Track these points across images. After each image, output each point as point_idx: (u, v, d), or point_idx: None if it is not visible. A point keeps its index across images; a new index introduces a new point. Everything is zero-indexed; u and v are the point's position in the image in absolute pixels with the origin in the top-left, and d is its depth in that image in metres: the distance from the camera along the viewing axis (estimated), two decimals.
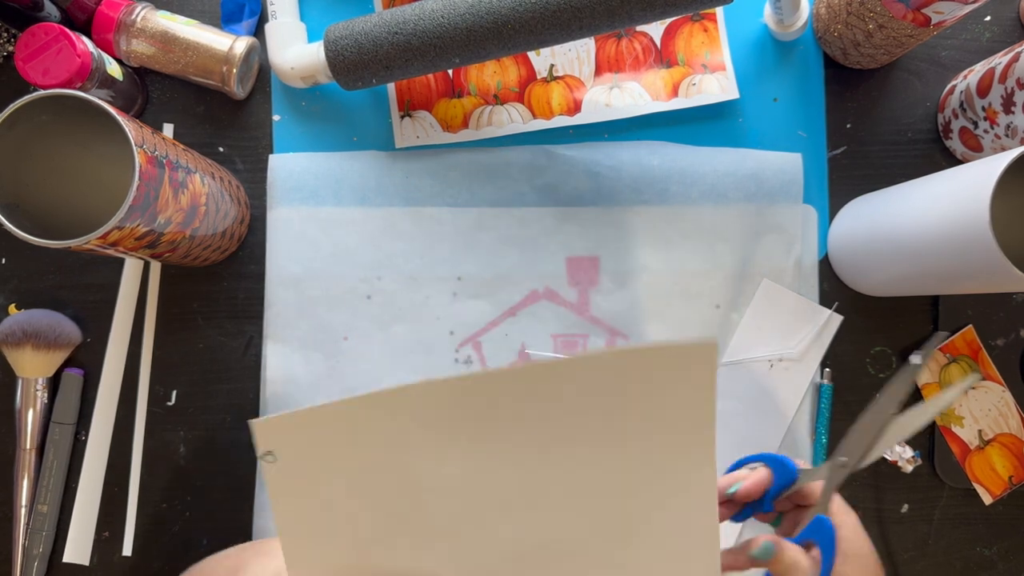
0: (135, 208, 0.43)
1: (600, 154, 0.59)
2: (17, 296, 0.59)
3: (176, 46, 0.57)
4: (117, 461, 0.58)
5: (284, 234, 0.58)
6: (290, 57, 0.57)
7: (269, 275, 0.58)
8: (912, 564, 0.59)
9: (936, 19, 0.51)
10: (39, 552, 0.56)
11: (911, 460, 0.58)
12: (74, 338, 0.58)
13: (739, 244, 0.59)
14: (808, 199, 0.60)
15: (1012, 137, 0.53)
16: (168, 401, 0.59)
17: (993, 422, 0.59)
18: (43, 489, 0.57)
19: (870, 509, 0.59)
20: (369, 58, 0.53)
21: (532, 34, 0.50)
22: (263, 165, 0.60)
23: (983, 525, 0.59)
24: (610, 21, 0.50)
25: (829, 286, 0.60)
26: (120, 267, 0.59)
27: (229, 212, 0.56)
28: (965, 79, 0.58)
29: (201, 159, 0.53)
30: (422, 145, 0.60)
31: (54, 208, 0.51)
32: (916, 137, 0.61)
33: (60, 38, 0.51)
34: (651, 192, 0.59)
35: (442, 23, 0.51)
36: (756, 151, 0.60)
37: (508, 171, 0.59)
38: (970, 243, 0.44)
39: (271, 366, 0.57)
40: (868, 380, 0.60)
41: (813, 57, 0.61)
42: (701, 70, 0.60)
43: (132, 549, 0.58)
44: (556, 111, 0.59)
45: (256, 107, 0.61)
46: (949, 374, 0.59)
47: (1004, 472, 0.59)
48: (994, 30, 0.62)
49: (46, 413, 0.58)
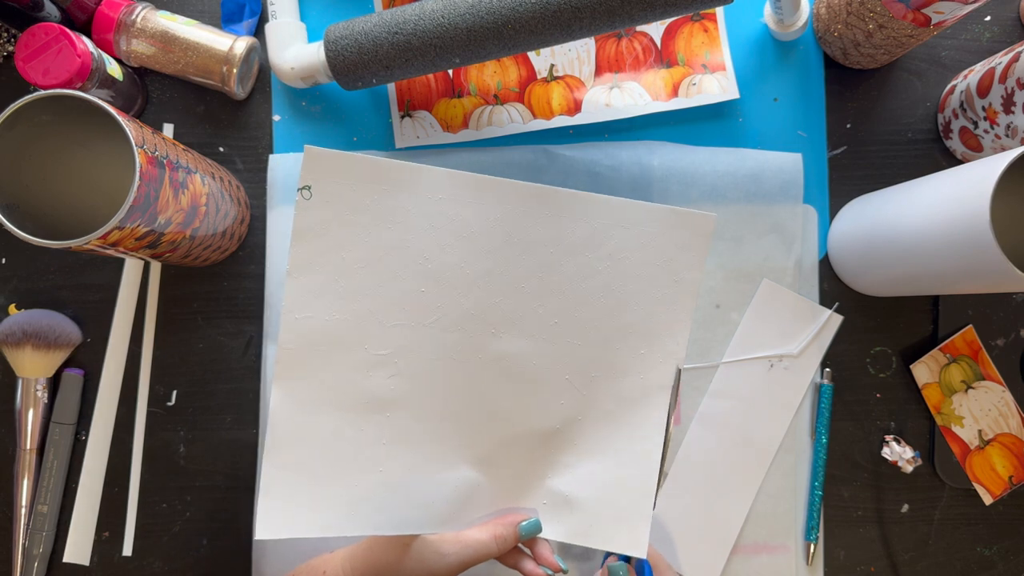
0: (135, 208, 0.43)
1: (600, 154, 0.59)
2: (17, 296, 0.59)
3: (176, 46, 0.57)
4: (117, 461, 0.58)
5: (284, 234, 0.58)
6: (290, 57, 0.57)
7: (269, 275, 0.58)
8: (912, 564, 0.59)
9: (936, 19, 0.51)
10: (39, 552, 0.57)
11: (911, 460, 0.58)
12: (74, 338, 0.58)
13: (739, 244, 0.59)
14: (808, 199, 0.60)
15: (1012, 137, 0.53)
16: (168, 401, 0.59)
17: (993, 422, 0.59)
18: (43, 489, 0.57)
19: (870, 509, 0.59)
20: (369, 58, 0.53)
21: (532, 34, 0.50)
22: (263, 165, 0.60)
23: (983, 525, 0.60)
24: (610, 21, 0.50)
25: (829, 286, 0.60)
26: (120, 267, 0.59)
27: (229, 212, 0.56)
28: (965, 79, 0.58)
29: (201, 159, 0.53)
30: (422, 145, 0.60)
31: (54, 208, 0.51)
32: (916, 137, 0.61)
33: (60, 38, 0.51)
34: (651, 192, 0.59)
35: (442, 23, 0.51)
36: (756, 151, 0.60)
37: (508, 171, 0.59)
38: (970, 243, 0.44)
39: (271, 366, 0.57)
40: (868, 380, 0.60)
41: (813, 57, 0.61)
42: (701, 70, 0.60)
43: (132, 549, 0.58)
44: (556, 111, 0.59)
45: (256, 107, 0.61)
46: (949, 374, 0.59)
47: (1004, 472, 0.59)
48: (994, 30, 0.62)
49: (46, 413, 0.58)
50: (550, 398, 0.47)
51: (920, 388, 0.59)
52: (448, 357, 0.45)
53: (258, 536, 0.42)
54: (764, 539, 0.58)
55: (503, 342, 0.46)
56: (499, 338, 0.46)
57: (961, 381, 0.59)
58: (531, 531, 0.45)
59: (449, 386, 0.45)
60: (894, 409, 0.60)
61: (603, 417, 0.47)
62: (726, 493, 0.58)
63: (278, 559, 0.56)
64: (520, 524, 0.45)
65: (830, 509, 0.59)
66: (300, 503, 0.43)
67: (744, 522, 0.58)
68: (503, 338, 0.46)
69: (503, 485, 0.46)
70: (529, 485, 0.47)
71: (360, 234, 0.44)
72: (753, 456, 0.58)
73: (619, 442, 0.47)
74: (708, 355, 0.59)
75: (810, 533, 0.58)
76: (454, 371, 0.45)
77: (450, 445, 0.45)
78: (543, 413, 0.47)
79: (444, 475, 0.45)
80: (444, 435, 0.45)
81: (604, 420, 0.47)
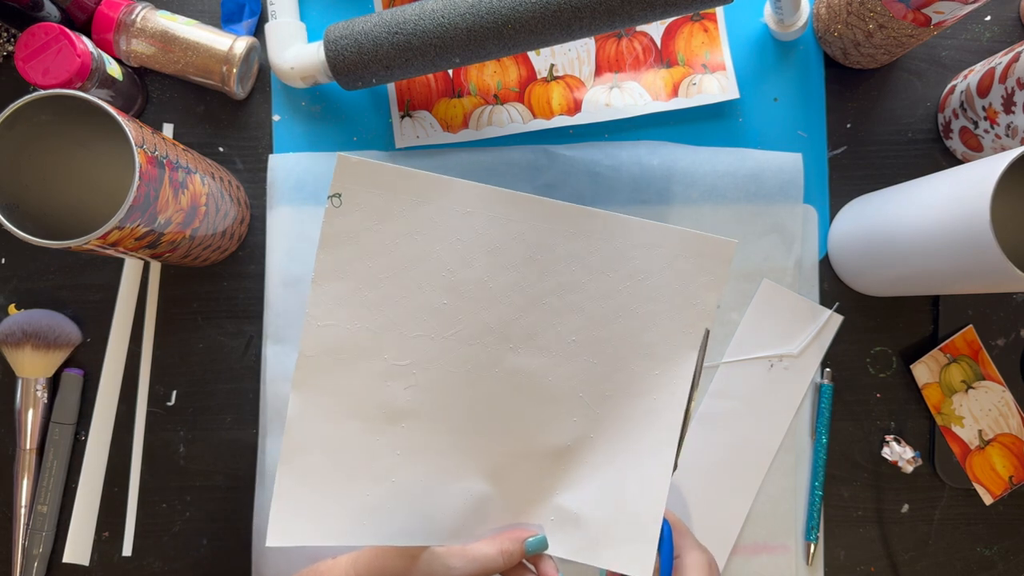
0: (135, 208, 0.43)
1: (600, 154, 0.59)
2: (17, 296, 0.59)
3: (176, 46, 0.57)
4: (117, 461, 0.58)
5: (284, 234, 0.58)
6: (290, 57, 0.57)
7: (269, 275, 0.58)
8: (912, 564, 0.59)
9: (936, 19, 0.51)
10: (39, 552, 0.56)
11: (911, 460, 0.58)
12: (74, 338, 0.58)
13: (739, 244, 0.59)
14: (808, 199, 0.60)
15: (1012, 137, 0.53)
16: (168, 401, 0.59)
17: (993, 422, 0.59)
18: (43, 489, 0.57)
19: (870, 509, 0.59)
20: (369, 58, 0.53)
21: (532, 34, 0.50)
22: (263, 165, 0.60)
23: (983, 525, 0.59)
24: (610, 21, 0.50)
25: (829, 286, 0.60)
26: (120, 267, 0.59)
27: (229, 212, 0.56)
28: (965, 79, 0.58)
29: (201, 159, 0.53)
30: (422, 145, 0.60)
31: (54, 208, 0.51)
32: (916, 137, 0.61)
33: (60, 38, 0.51)
34: (651, 192, 0.59)
35: (442, 23, 0.51)
36: (756, 151, 0.60)
37: (508, 171, 0.59)
38: (970, 243, 0.44)
39: (271, 366, 0.57)
40: (868, 380, 0.60)
41: (813, 57, 0.61)
42: (701, 70, 0.60)
43: (132, 549, 0.58)
44: (556, 111, 0.59)
45: (256, 107, 0.61)
46: (949, 374, 0.59)
47: (1004, 472, 0.59)
48: (994, 30, 0.62)
49: (46, 413, 0.58)
50: (563, 414, 0.47)
51: (920, 388, 0.59)
52: (465, 370, 0.46)
53: (269, 543, 0.42)
54: (764, 539, 0.58)
55: (520, 357, 0.46)
56: (516, 353, 0.46)
57: (961, 381, 0.59)
58: (537, 547, 0.45)
59: (465, 399, 0.46)
60: (894, 409, 0.60)
61: (614, 436, 0.47)
62: (726, 493, 0.58)
63: (278, 559, 0.56)
64: (526, 540, 0.45)
65: (830, 509, 0.59)
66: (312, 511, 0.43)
67: (744, 522, 0.58)
68: (520, 353, 0.46)
69: (512, 499, 0.46)
70: (537, 501, 0.47)
71: (387, 243, 0.44)
72: (753, 456, 0.58)
73: (629, 462, 0.47)
74: (708, 355, 0.59)
75: (810, 533, 0.58)
76: (470, 384, 0.46)
77: (462, 457, 0.46)
78: (555, 429, 0.47)
79: (455, 487, 0.45)
80: (457, 447, 0.46)
81: (615, 440, 0.47)
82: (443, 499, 0.45)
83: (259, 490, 0.57)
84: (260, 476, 0.57)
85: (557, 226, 0.46)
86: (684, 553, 0.46)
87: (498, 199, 0.45)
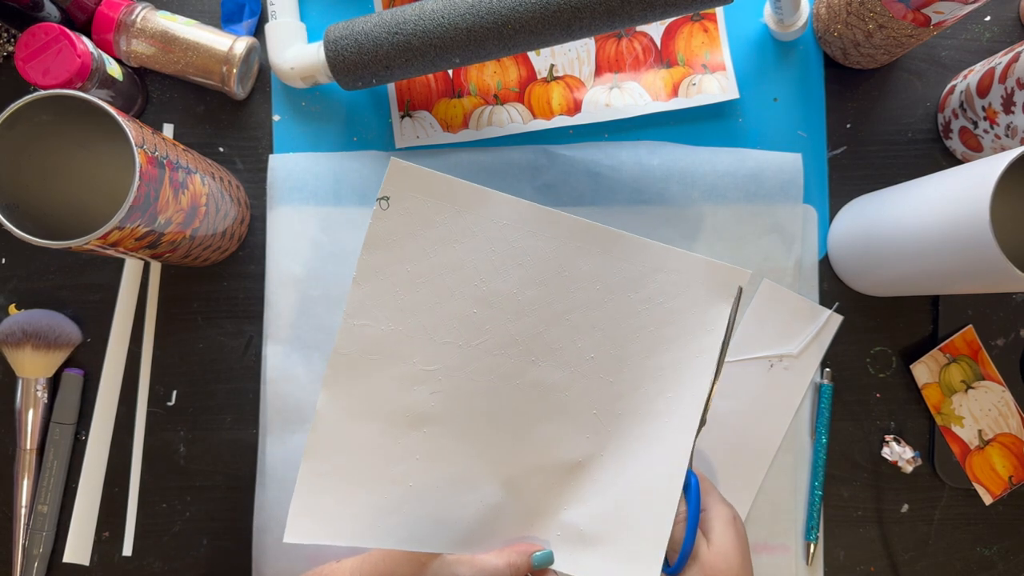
0: (135, 208, 0.43)
1: (600, 154, 0.59)
2: (17, 296, 0.59)
3: (176, 46, 0.57)
4: (117, 461, 0.58)
5: (284, 234, 0.58)
6: (290, 57, 0.57)
7: (269, 275, 0.58)
8: (912, 564, 0.59)
9: (936, 19, 0.51)
10: (39, 552, 0.57)
11: (911, 460, 0.58)
12: (74, 338, 0.58)
13: (739, 244, 0.59)
14: (808, 199, 0.60)
15: (1012, 137, 0.53)
16: (168, 401, 0.59)
17: (993, 422, 0.59)
18: (43, 489, 0.57)
19: (870, 509, 0.59)
20: (369, 58, 0.53)
21: (532, 34, 0.50)
22: (263, 165, 0.60)
23: (983, 525, 0.60)
24: (610, 21, 0.50)
25: (829, 286, 0.60)
26: (120, 267, 0.59)
27: (229, 212, 0.56)
28: (965, 79, 0.58)
29: (201, 159, 0.53)
30: (422, 145, 0.60)
31: (54, 208, 0.51)
32: (916, 137, 0.61)
33: (60, 38, 0.51)
34: (651, 192, 0.59)
35: (442, 23, 0.51)
36: (756, 151, 0.60)
37: (508, 171, 0.59)
38: (970, 243, 0.44)
39: (271, 366, 0.57)
40: (868, 380, 0.60)
41: (813, 57, 0.61)
42: (701, 70, 0.60)
43: (132, 549, 0.58)
44: (556, 111, 0.59)
45: (256, 107, 0.61)
46: (949, 374, 0.59)
47: (1004, 472, 0.59)
48: (994, 30, 0.62)
49: (46, 413, 0.58)
50: (576, 430, 0.47)
51: (920, 388, 0.59)
52: (488, 379, 0.46)
53: (287, 539, 0.43)
54: (764, 539, 0.58)
55: (541, 370, 0.47)
56: (538, 366, 0.47)
57: (961, 381, 0.59)
58: (543, 562, 0.46)
59: (485, 408, 0.46)
60: (894, 409, 0.60)
61: (624, 456, 0.47)
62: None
63: (278, 559, 0.56)
64: (533, 554, 0.46)
65: (830, 509, 0.59)
66: (330, 511, 0.44)
67: (744, 522, 0.58)
68: (542, 366, 0.47)
69: (522, 511, 0.47)
70: (546, 514, 0.47)
71: (427, 249, 0.46)
72: (753, 456, 0.58)
73: (637, 483, 0.47)
74: None
75: (810, 533, 0.58)
76: (492, 394, 0.46)
77: (479, 465, 0.46)
78: (568, 444, 0.47)
79: (468, 496, 0.46)
80: (475, 455, 0.46)
81: (625, 459, 0.47)
82: (457, 507, 0.46)
83: (259, 490, 0.57)
84: (260, 476, 0.57)
85: (585, 245, 0.47)
86: (710, 506, 0.47)
87: (535, 215, 0.46)
